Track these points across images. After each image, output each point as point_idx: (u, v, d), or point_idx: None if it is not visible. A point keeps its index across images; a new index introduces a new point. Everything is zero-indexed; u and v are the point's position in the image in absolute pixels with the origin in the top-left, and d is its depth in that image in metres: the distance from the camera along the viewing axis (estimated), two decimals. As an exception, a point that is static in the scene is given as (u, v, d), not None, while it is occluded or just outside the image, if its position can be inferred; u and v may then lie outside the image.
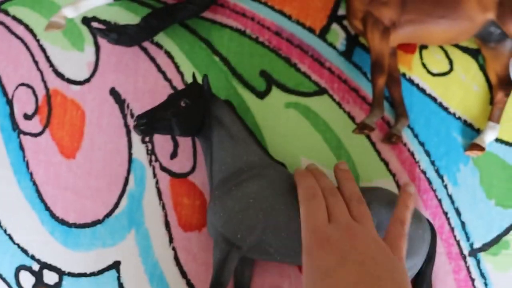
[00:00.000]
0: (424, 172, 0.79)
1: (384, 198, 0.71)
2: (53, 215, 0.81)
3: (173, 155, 0.80)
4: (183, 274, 0.78)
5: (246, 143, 0.73)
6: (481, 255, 0.78)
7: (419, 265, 0.70)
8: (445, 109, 0.81)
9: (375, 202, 0.70)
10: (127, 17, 0.82)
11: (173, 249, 0.78)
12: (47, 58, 0.84)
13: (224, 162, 0.72)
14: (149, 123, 0.68)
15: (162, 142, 0.80)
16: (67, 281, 0.79)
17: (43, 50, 0.84)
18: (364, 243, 0.52)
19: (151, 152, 0.80)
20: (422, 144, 0.80)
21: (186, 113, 0.70)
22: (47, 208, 0.81)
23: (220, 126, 0.72)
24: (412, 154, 0.80)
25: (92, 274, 0.79)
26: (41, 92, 0.83)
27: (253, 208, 0.69)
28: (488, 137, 0.78)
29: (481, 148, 0.77)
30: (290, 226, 0.68)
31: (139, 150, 0.80)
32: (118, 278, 0.78)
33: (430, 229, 0.72)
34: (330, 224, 0.54)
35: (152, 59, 0.82)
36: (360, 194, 0.60)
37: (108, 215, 0.79)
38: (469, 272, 0.78)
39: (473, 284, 0.78)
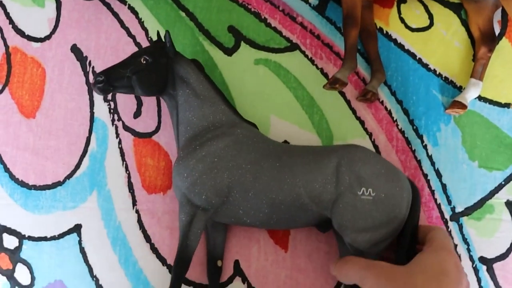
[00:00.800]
0: (402, 132, 0.78)
1: (358, 154, 0.70)
2: (12, 177, 0.81)
3: (137, 114, 0.79)
4: (147, 238, 0.77)
5: (213, 103, 0.72)
6: (464, 220, 0.76)
7: (399, 226, 0.67)
8: (425, 65, 0.80)
9: (346, 158, 0.69)
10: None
11: (137, 211, 0.78)
12: (7, 14, 0.84)
13: (190, 122, 0.71)
14: (107, 81, 0.68)
15: (126, 100, 0.79)
16: (27, 245, 0.79)
17: (3, 6, 0.84)
18: None
19: (114, 111, 0.79)
20: (400, 102, 0.79)
21: (147, 71, 0.69)
22: (6, 170, 0.81)
23: (185, 85, 0.71)
24: (390, 113, 0.79)
25: (53, 238, 0.78)
26: (0, 50, 0.85)
27: (218, 167, 0.68)
28: (470, 95, 0.76)
29: (463, 106, 0.75)
30: (256, 185, 0.67)
31: (101, 109, 0.79)
32: (80, 242, 0.78)
33: (412, 188, 0.69)
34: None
35: (115, 15, 0.81)
36: None
37: (69, 176, 0.78)
38: (451, 237, 0.76)
39: (455, 249, 0.76)
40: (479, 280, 0.75)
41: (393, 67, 0.78)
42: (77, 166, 0.78)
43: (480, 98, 0.78)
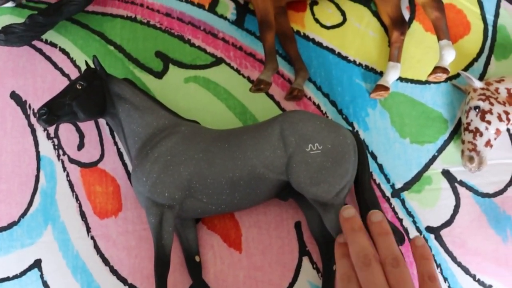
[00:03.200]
0: None
1: (296, 116, 0.82)
2: None
3: (80, 146, 0.91)
4: (105, 261, 0.87)
5: (152, 110, 0.84)
6: (405, 195, 0.88)
7: (352, 171, 0.79)
8: (344, 58, 0.92)
9: (287, 122, 0.80)
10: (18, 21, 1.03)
11: (92, 238, 0.88)
12: None
13: (136, 133, 0.82)
14: (50, 112, 0.79)
15: (68, 135, 0.90)
16: None
17: None
18: None
19: (58, 147, 0.90)
20: (326, 95, 0.91)
21: (85, 95, 0.81)
22: None
23: (123, 101, 0.83)
24: (318, 107, 0.91)
25: (15, 276, 0.87)
26: None
27: (173, 164, 0.79)
28: (391, 77, 0.88)
29: (386, 88, 0.86)
30: (212, 170, 0.78)
31: (46, 147, 0.91)
32: (41, 276, 0.86)
33: (354, 136, 0.81)
34: None
35: (48, 58, 0.94)
36: (396, 253, 0.65)
37: (23, 215, 0.89)
38: (395, 212, 0.87)
39: (401, 224, 0.86)
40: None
41: (315, 64, 0.91)
42: (30, 203, 0.89)
43: (401, 79, 0.90)
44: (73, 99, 0.81)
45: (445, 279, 0.85)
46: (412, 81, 0.90)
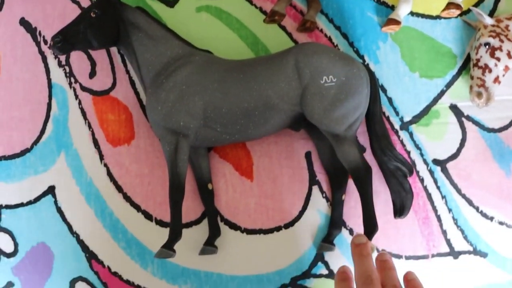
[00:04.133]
0: None
1: (311, 48, 0.83)
2: None
3: (92, 74, 0.91)
4: (119, 188, 0.89)
5: (166, 40, 0.83)
6: (413, 128, 0.89)
7: (365, 104, 0.81)
8: None
9: (301, 54, 0.81)
10: None
11: (105, 165, 0.89)
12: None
13: (150, 62, 0.82)
14: (64, 40, 0.79)
15: (79, 62, 0.90)
16: (6, 214, 0.90)
17: None
18: None
19: (70, 74, 0.90)
20: (338, 28, 0.91)
21: (99, 23, 0.81)
22: None
23: (137, 30, 0.82)
24: (330, 39, 0.91)
25: (29, 202, 0.89)
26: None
27: (188, 93, 0.80)
28: (402, 11, 0.87)
29: (397, 22, 0.86)
30: (227, 100, 0.79)
31: (58, 75, 0.91)
32: (55, 202, 0.88)
33: (367, 69, 0.82)
34: None
35: None
36: (398, 285, 0.67)
37: (36, 142, 0.89)
38: (403, 145, 0.89)
39: (409, 156, 0.89)
40: (435, 181, 0.88)
41: None
42: (42, 131, 0.89)
43: (412, 13, 0.90)
44: (87, 27, 0.80)
45: (449, 210, 0.88)
46: (423, 15, 0.91)
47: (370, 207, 0.80)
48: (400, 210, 0.83)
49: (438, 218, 0.88)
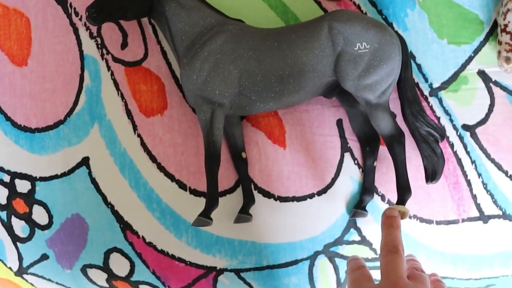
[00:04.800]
0: None
1: (344, 15, 0.82)
2: (14, 124, 0.91)
3: (124, 45, 0.91)
4: (153, 158, 0.89)
5: (198, 9, 0.84)
6: (442, 94, 0.90)
7: (397, 70, 0.82)
8: None
9: (335, 21, 0.81)
10: None
11: (139, 136, 0.90)
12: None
13: (183, 32, 0.83)
14: (100, 10, 0.79)
15: (111, 34, 0.90)
16: (40, 186, 0.92)
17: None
18: None
19: (102, 46, 0.91)
20: None
21: None
22: (8, 118, 0.92)
23: (170, 0, 0.83)
24: (359, 7, 0.91)
25: (64, 174, 0.90)
26: (-18, 6, 0.91)
27: (222, 62, 0.81)
28: None
29: None
30: (262, 67, 0.80)
31: (89, 46, 0.91)
32: (90, 173, 0.90)
33: (398, 36, 0.83)
34: (412, 282, 0.63)
35: None
36: (421, 269, 0.70)
37: (69, 114, 0.90)
38: (433, 111, 0.90)
39: (439, 121, 0.89)
40: (465, 146, 0.89)
41: None
42: (75, 103, 0.90)
43: None
44: None
45: (479, 175, 0.89)
46: (450, -17, 0.87)
47: (403, 172, 0.81)
48: (432, 175, 0.84)
49: (468, 183, 0.89)
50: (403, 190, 0.80)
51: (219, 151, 0.80)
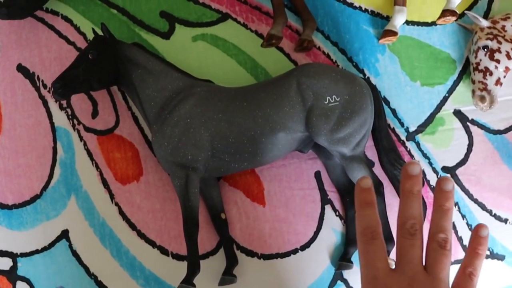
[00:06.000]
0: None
1: (311, 69, 0.82)
2: None
3: (94, 113, 0.91)
4: (132, 226, 0.89)
5: (166, 73, 0.83)
6: (419, 137, 0.90)
7: (370, 119, 0.81)
8: (350, 5, 0.91)
9: (303, 76, 0.81)
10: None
11: (116, 204, 0.89)
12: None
13: (152, 98, 0.83)
14: (65, 85, 0.79)
15: (81, 104, 0.90)
16: (22, 262, 0.90)
17: None
18: None
19: (72, 116, 0.90)
20: (335, 44, 0.91)
21: (98, 64, 0.81)
22: None
23: (136, 67, 0.82)
24: (328, 56, 0.91)
25: (44, 248, 0.88)
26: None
27: (193, 126, 0.80)
28: (398, 21, 0.87)
29: (394, 33, 0.87)
30: (233, 129, 0.79)
31: (60, 118, 0.90)
32: (70, 246, 0.88)
33: (369, 84, 0.83)
34: (394, 272, 0.51)
35: (51, 27, 0.91)
36: (448, 232, 0.52)
37: (45, 187, 0.89)
38: (411, 155, 0.89)
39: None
40: None
41: (321, 14, 0.91)
42: (50, 176, 0.90)
43: (407, 22, 0.90)
44: (87, 69, 0.81)
45: (463, 216, 0.89)
46: (418, 23, 0.91)
47: (385, 222, 0.80)
48: None
49: (453, 225, 0.86)
50: (386, 240, 0.76)
51: (197, 216, 0.80)
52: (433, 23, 0.90)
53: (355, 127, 0.79)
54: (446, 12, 0.83)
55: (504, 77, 0.83)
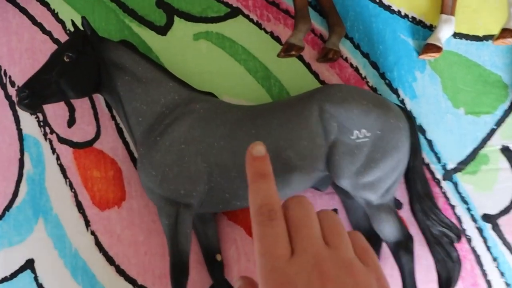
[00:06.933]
0: (374, 89, 0.75)
1: (338, 93, 0.68)
2: None
3: (71, 122, 0.77)
4: (110, 260, 0.76)
5: (159, 83, 0.69)
6: (458, 177, 0.76)
7: (404, 161, 0.67)
8: (387, 8, 0.77)
9: (327, 102, 0.66)
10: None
11: (92, 233, 0.76)
12: None
13: (140, 112, 0.68)
14: (33, 94, 0.65)
15: (55, 109, 0.76)
16: None
17: None
18: (341, 284, 0.41)
19: (44, 123, 0.76)
20: (366, 55, 0.77)
21: (74, 69, 0.67)
22: None
23: (122, 72, 0.68)
24: (357, 69, 0.76)
25: (5, 279, 0.76)
26: None
27: (188, 154, 0.66)
28: (443, 33, 0.73)
29: (437, 48, 0.73)
30: (237, 161, 0.65)
31: (29, 124, 0.76)
32: (36, 278, 0.75)
33: (406, 115, 0.68)
34: (293, 258, 0.43)
35: (23, 11, 0.77)
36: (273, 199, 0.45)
37: (8, 207, 0.76)
38: (446, 198, 0.75)
39: (453, 212, 0.75)
40: (485, 240, 0.74)
41: (352, 16, 0.76)
42: (15, 194, 0.76)
43: (455, 35, 0.76)
44: (61, 75, 0.66)
45: (502, 274, 0.75)
46: (467, 37, 0.76)
47: (411, 283, 0.68)
48: (446, 283, 0.70)
49: (489, 284, 0.74)
50: None
51: (187, 261, 0.66)
52: (485, 38, 0.75)
53: (386, 170, 0.65)
54: (506, 33, 0.70)
55: None
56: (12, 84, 0.76)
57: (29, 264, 0.76)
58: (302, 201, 0.44)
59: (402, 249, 0.67)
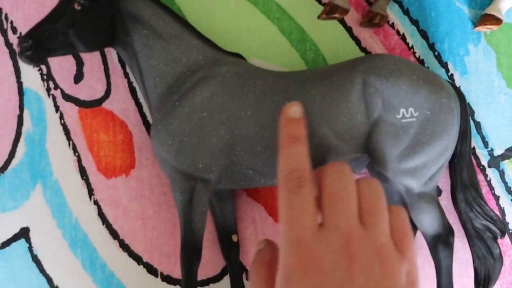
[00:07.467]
0: (421, 61, 0.69)
1: (385, 65, 0.61)
2: None
3: (78, 77, 0.71)
4: (114, 233, 0.70)
5: (181, 40, 0.63)
6: (505, 164, 0.70)
7: (452, 145, 0.61)
8: None
9: (372, 74, 0.60)
10: None
11: (96, 203, 0.70)
12: None
13: (158, 72, 0.62)
14: (38, 45, 0.58)
15: (61, 61, 0.69)
16: None
17: None
18: (368, 271, 0.39)
19: (48, 77, 0.70)
20: (415, 22, 0.70)
21: (86, 19, 0.60)
22: None
23: (140, 25, 0.62)
24: (404, 38, 0.70)
25: None
26: None
27: (210, 123, 0.60)
28: (505, 4, 0.67)
29: (497, 20, 0.67)
30: (265, 135, 0.59)
31: (31, 77, 0.70)
32: (30, 248, 0.70)
33: (457, 94, 0.62)
34: (322, 232, 0.41)
35: None
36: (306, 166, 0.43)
37: (3, 168, 0.70)
38: (491, 188, 0.70)
39: (497, 203, 0.70)
40: None
41: None
42: (11, 154, 0.71)
43: None
44: (70, 25, 0.59)
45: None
46: (531, 8, 0.66)
47: (447, 280, 0.62)
48: (484, 281, 0.65)
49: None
50: None
51: (201, 243, 0.60)
52: (549, 11, 0.65)
53: (432, 156, 0.59)
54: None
55: None
56: (14, 30, 0.69)
57: (24, 233, 0.70)
58: (342, 169, 0.42)
59: (441, 243, 0.62)
